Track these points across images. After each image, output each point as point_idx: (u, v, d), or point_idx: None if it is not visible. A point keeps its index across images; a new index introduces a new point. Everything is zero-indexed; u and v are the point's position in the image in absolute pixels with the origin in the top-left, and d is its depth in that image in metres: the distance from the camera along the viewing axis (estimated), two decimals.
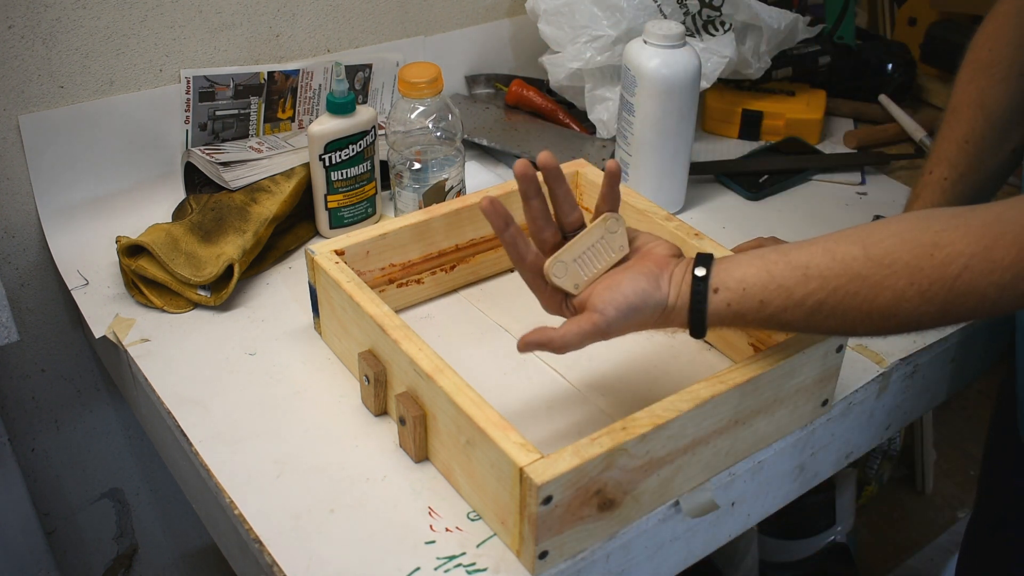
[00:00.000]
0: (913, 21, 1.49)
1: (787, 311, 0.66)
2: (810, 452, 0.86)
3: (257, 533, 0.71)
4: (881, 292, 0.63)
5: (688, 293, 0.69)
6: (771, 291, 0.66)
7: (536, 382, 0.86)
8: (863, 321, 0.64)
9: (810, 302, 0.65)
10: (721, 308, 0.68)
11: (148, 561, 1.36)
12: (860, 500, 1.83)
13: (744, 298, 0.67)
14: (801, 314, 0.66)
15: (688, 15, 1.19)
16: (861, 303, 0.63)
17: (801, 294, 0.65)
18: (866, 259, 0.63)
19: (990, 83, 0.88)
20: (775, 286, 0.66)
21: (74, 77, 1.01)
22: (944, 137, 0.91)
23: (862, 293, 0.63)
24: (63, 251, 1.03)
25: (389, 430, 0.81)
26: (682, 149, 1.08)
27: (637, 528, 0.73)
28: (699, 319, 0.69)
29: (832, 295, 0.64)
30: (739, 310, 0.68)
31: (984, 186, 0.91)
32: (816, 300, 0.65)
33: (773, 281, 0.66)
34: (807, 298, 0.65)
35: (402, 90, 0.99)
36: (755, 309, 0.67)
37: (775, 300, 0.66)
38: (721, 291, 0.68)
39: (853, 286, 0.63)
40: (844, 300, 0.64)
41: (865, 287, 0.63)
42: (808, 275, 0.65)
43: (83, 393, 1.18)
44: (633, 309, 0.69)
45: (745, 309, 0.67)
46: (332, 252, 0.86)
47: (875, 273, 0.63)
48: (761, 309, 0.67)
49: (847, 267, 0.64)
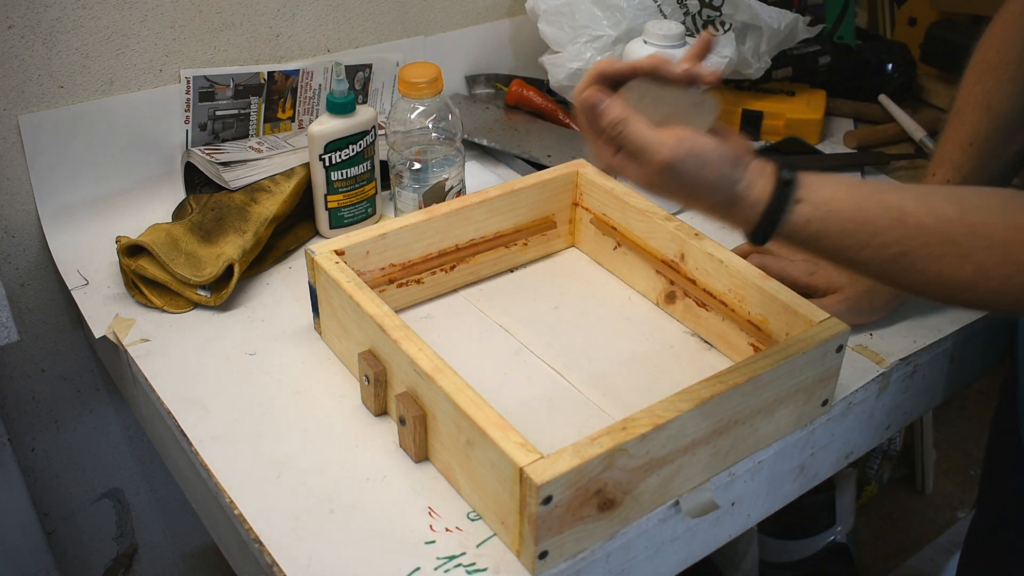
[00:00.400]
0: (913, 21, 1.49)
1: (866, 249, 0.62)
2: (810, 452, 0.86)
3: (257, 533, 0.71)
4: (967, 263, 0.60)
5: (769, 192, 0.63)
6: (858, 224, 0.62)
7: (536, 382, 0.86)
8: (938, 285, 0.61)
9: (893, 249, 0.61)
10: (799, 221, 0.63)
11: (148, 561, 1.36)
12: (860, 500, 1.83)
13: (826, 220, 0.62)
14: (879, 258, 0.62)
15: (688, 15, 1.19)
16: (944, 267, 0.60)
17: (888, 238, 0.61)
18: (961, 223, 0.60)
19: (997, 85, 0.88)
20: (863, 220, 0.62)
21: (74, 77, 1.01)
22: (948, 139, 0.91)
23: (947, 259, 0.60)
24: (63, 251, 1.03)
25: (389, 430, 0.81)
26: None
27: (637, 528, 0.73)
28: (772, 222, 0.63)
29: (918, 251, 0.61)
30: (816, 231, 0.63)
31: None
32: (900, 249, 0.61)
33: (862, 214, 0.62)
34: (892, 244, 0.61)
35: (402, 90, 0.99)
36: (834, 236, 0.62)
37: (858, 235, 0.62)
38: (804, 204, 0.63)
39: (941, 248, 0.60)
40: (927, 259, 0.61)
41: (953, 253, 0.60)
42: (902, 221, 0.61)
43: (83, 393, 1.18)
44: (702, 162, 0.62)
45: (823, 232, 0.63)
46: (332, 252, 0.86)
47: (967, 242, 0.60)
48: (840, 239, 0.62)
49: (941, 226, 0.60)
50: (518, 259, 1.01)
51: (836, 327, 0.78)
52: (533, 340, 0.91)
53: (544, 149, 1.19)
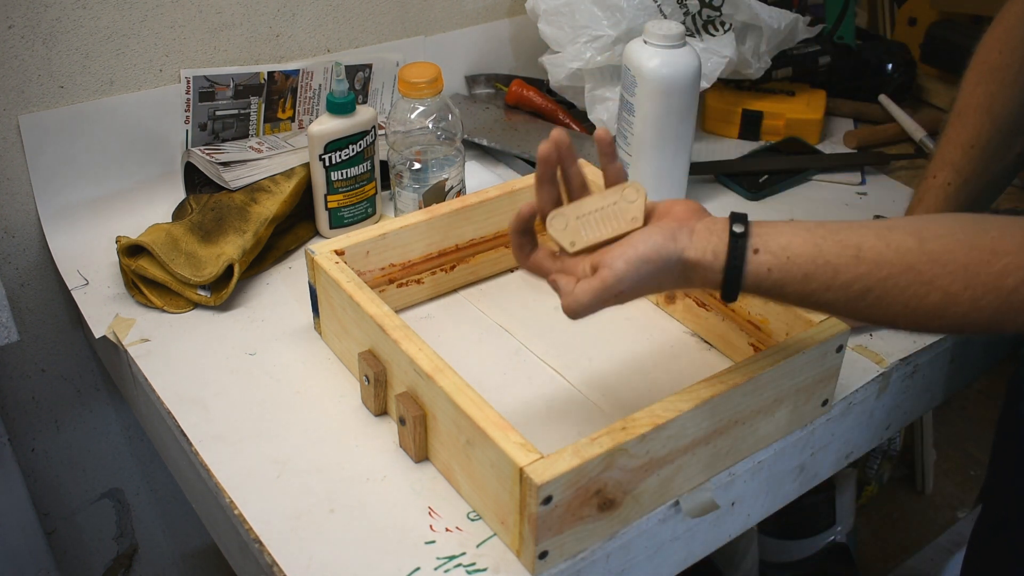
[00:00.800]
0: (913, 21, 1.49)
1: (830, 291, 0.63)
2: (810, 452, 0.86)
3: (257, 533, 0.71)
4: (932, 291, 0.60)
5: (724, 248, 0.65)
6: (818, 266, 0.63)
7: (536, 382, 0.86)
8: (907, 316, 0.62)
9: (857, 287, 0.62)
10: (761, 272, 0.64)
11: (148, 561, 1.36)
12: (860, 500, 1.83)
13: (788, 267, 0.64)
14: (844, 297, 0.63)
15: (688, 15, 1.19)
16: (910, 298, 0.61)
17: (849, 276, 0.62)
18: (920, 252, 0.61)
19: (999, 87, 0.87)
20: (823, 261, 0.63)
21: (74, 77, 1.01)
22: (949, 141, 0.90)
23: (912, 288, 0.61)
24: (63, 251, 1.03)
25: (389, 430, 0.81)
26: (682, 149, 1.08)
27: (637, 528, 0.73)
28: (734, 278, 0.64)
29: (881, 284, 0.62)
30: (780, 279, 0.64)
31: (988, 190, 0.91)
32: (863, 286, 0.62)
33: (821, 256, 0.63)
34: (854, 282, 0.62)
35: (402, 90, 0.99)
36: (798, 281, 0.63)
37: (820, 276, 0.63)
38: (763, 253, 0.64)
39: (904, 279, 0.61)
40: (892, 292, 0.61)
41: (916, 282, 0.61)
42: (860, 257, 0.62)
43: (83, 393, 1.18)
44: (644, 261, 0.64)
45: (787, 279, 0.64)
46: (332, 252, 0.86)
47: (929, 269, 0.60)
48: (804, 283, 0.63)
49: (901, 257, 0.61)
50: None
51: (836, 327, 0.78)
52: (533, 340, 0.91)
53: None
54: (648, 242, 0.65)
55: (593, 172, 0.99)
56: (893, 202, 1.15)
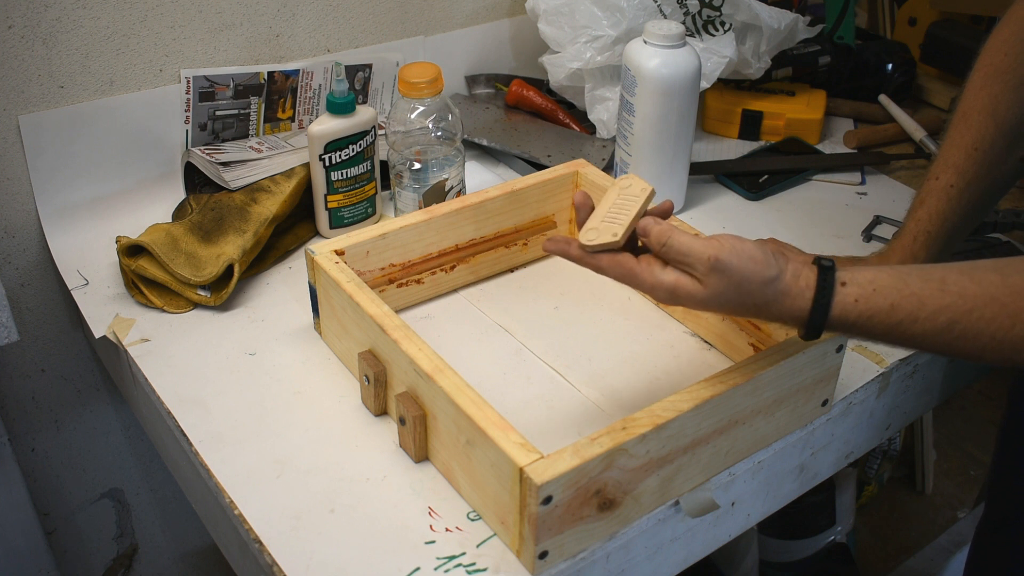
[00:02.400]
0: (913, 21, 1.49)
1: (918, 323, 0.64)
2: (810, 452, 0.86)
3: (257, 533, 0.71)
4: (1017, 323, 0.62)
5: (814, 278, 0.65)
6: (904, 296, 0.64)
7: (536, 382, 0.86)
8: (994, 348, 0.63)
9: (943, 318, 0.63)
10: (848, 304, 0.65)
11: (148, 561, 1.36)
12: (860, 500, 1.83)
13: (874, 297, 0.64)
14: (932, 328, 0.64)
15: (688, 15, 1.19)
16: (996, 330, 0.62)
17: (935, 307, 0.63)
18: (1003, 285, 0.62)
19: (1003, 89, 0.87)
20: (908, 292, 0.64)
21: (74, 77, 1.01)
22: (952, 143, 0.90)
23: (998, 320, 0.62)
24: (63, 251, 1.03)
25: (389, 430, 0.81)
26: (682, 149, 1.08)
27: (637, 528, 0.73)
28: (822, 310, 0.65)
29: (967, 315, 0.63)
30: (867, 310, 0.64)
31: (991, 193, 0.90)
32: (949, 317, 0.63)
33: (907, 287, 0.64)
34: (940, 312, 0.63)
35: (402, 90, 0.99)
36: (884, 312, 0.64)
37: (906, 306, 0.64)
38: (850, 286, 0.65)
39: (989, 310, 0.62)
40: (978, 323, 0.63)
41: (1002, 314, 0.62)
42: (945, 289, 0.63)
43: (83, 393, 1.18)
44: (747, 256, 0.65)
45: (874, 310, 0.64)
46: (332, 252, 0.86)
47: (1013, 302, 0.62)
48: (891, 314, 0.64)
49: (984, 290, 0.63)
50: (518, 259, 1.01)
51: None
52: (533, 340, 0.91)
53: (544, 149, 1.19)
54: (759, 246, 0.66)
55: (595, 172, 0.99)
56: (893, 202, 1.15)
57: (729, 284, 0.66)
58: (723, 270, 0.65)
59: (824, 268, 0.66)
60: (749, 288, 0.66)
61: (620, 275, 0.70)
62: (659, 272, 0.68)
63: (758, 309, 0.67)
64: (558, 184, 0.99)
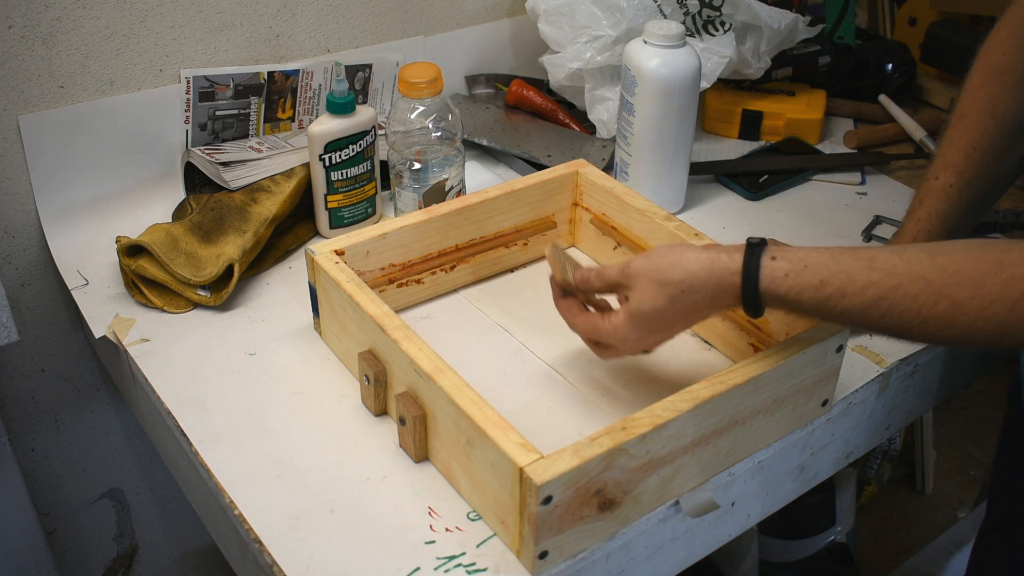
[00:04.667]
0: (913, 21, 1.49)
1: (846, 298, 0.66)
2: (810, 452, 0.86)
3: (257, 533, 0.71)
4: (941, 299, 0.63)
5: (742, 253, 0.69)
6: (833, 273, 0.66)
7: (536, 382, 0.86)
8: (919, 326, 0.65)
9: (870, 293, 0.65)
10: (778, 277, 0.68)
11: (148, 561, 1.36)
12: (860, 500, 1.83)
13: (804, 273, 0.67)
14: (860, 303, 0.66)
15: (688, 15, 1.19)
16: (920, 307, 0.64)
17: (863, 283, 0.65)
18: (931, 264, 0.64)
19: (1002, 89, 0.87)
20: (838, 269, 0.66)
21: (74, 77, 1.01)
22: (951, 143, 0.90)
23: (922, 297, 0.64)
24: (63, 251, 1.03)
25: (389, 430, 0.81)
26: (682, 149, 1.08)
27: (637, 528, 0.73)
28: (752, 282, 0.68)
29: (893, 291, 0.65)
30: (796, 284, 0.67)
31: (990, 192, 0.90)
32: (876, 293, 0.65)
33: (837, 265, 0.66)
34: (868, 288, 0.65)
35: (402, 90, 0.99)
36: (814, 287, 0.67)
37: (835, 282, 0.66)
38: (780, 260, 0.68)
39: (915, 287, 0.64)
40: (904, 300, 0.64)
41: (926, 291, 0.64)
42: (873, 267, 0.66)
43: (83, 393, 1.18)
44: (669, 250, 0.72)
45: (803, 284, 0.67)
46: (332, 252, 0.86)
47: (938, 279, 0.63)
48: (820, 288, 0.66)
49: (911, 267, 0.64)
50: (518, 259, 1.01)
51: (836, 327, 0.78)
52: (533, 340, 0.91)
53: (544, 149, 1.19)
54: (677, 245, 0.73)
55: (595, 172, 0.99)
56: (893, 202, 1.15)
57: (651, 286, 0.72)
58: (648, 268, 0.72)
59: (751, 244, 0.69)
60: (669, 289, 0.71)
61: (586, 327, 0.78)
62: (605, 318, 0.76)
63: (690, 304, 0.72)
64: (558, 184, 0.99)
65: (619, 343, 0.76)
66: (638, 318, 0.73)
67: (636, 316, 0.73)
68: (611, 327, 0.75)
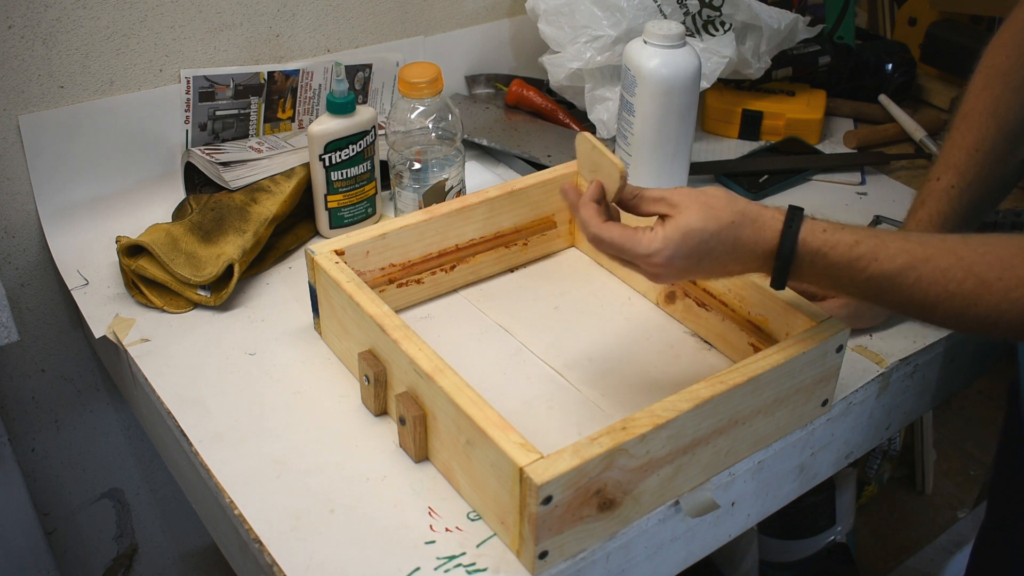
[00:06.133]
0: (913, 21, 1.49)
1: (877, 261, 0.67)
2: (810, 452, 0.86)
3: (257, 533, 0.71)
4: (969, 276, 0.64)
5: (782, 214, 0.70)
6: (868, 235, 0.68)
7: (536, 382, 0.86)
8: (945, 301, 0.65)
9: (900, 260, 0.66)
10: (817, 231, 0.69)
11: (148, 561, 1.36)
12: (860, 500, 1.83)
13: (840, 231, 0.69)
14: (889, 269, 0.67)
15: (688, 15, 1.19)
16: (948, 281, 0.65)
17: (895, 249, 0.66)
18: (963, 243, 0.65)
19: (1004, 91, 0.87)
20: (873, 234, 0.68)
21: (74, 77, 1.01)
22: (953, 144, 0.90)
23: (952, 271, 0.65)
24: (63, 251, 1.03)
25: (389, 430, 0.81)
26: (682, 149, 1.08)
27: (637, 528, 0.73)
28: (793, 231, 0.69)
29: (924, 263, 0.66)
30: (831, 239, 0.68)
31: (992, 194, 0.90)
32: (906, 261, 0.66)
33: (873, 231, 0.68)
34: (899, 255, 0.66)
35: (402, 90, 0.99)
36: (847, 245, 0.68)
37: (868, 243, 0.67)
38: (819, 220, 0.70)
39: (945, 261, 0.65)
40: (933, 272, 0.65)
41: (957, 266, 0.65)
42: (907, 237, 0.67)
43: (83, 393, 1.18)
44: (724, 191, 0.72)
45: (837, 240, 0.68)
46: (332, 252, 0.86)
47: (969, 256, 0.64)
48: (853, 248, 0.68)
49: (944, 243, 0.66)
50: (518, 259, 1.01)
51: (836, 327, 0.78)
52: (533, 340, 0.91)
53: (544, 149, 1.19)
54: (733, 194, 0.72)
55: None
56: (893, 202, 1.15)
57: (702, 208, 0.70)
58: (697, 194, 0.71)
59: (792, 207, 0.71)
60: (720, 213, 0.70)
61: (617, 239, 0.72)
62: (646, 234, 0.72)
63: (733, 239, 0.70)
64: (558, 184, 0.99)
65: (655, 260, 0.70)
66: (685, 234, 0.69)
67: (683, 232, 0.69)
68: (650, 239, 0.70)
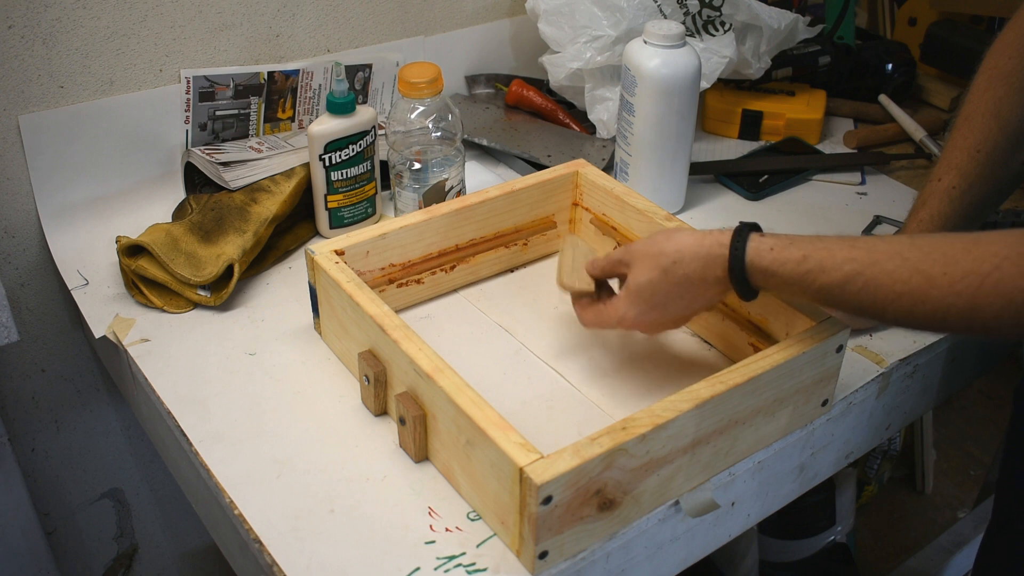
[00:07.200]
0: (913, 21, 1.49)
1: (825, 272, 0.68)
2: (810, 452, 0.86)
3: (257, 533, 0.71)
4: (915, 275, 0.64)
5: (730, 234, 0.72)
6: (816, 248, 0.69)
7: (536, 382, 0.86)
8: (893, 302, 0.66)
9: (847, 268, 0.67)
10: (763, 250, 0.71)
11: (148, 561, 1.36)
12: (860, 500, 1.83)
13: (789, 248, 0.70)
14: (837, 278, 0.68)
15: (688, 15, 1.19)
16: (895, 282, 0.65)
17: (842, 258, 0.67)
18: (910, 244, 0.66)
19: (1007, 92, 0.87)
20: (821, 246, 0.69)
21: (74, 77, 1.01)
22: (955, 145, 0.89)
23: (897, 272, 0.65)
24: (63, 251, 1.03)
25: (389, 430, 0.81)
26: (682, 149, 1.08)
27: (637, 528, 0.73)
28: (739, 255, 0.71)
29: (870, 267, 0.66)
30: (779, 257, 0.70)
31: (993, 195, 0.90)
32: (853, 268, 0.67)
33: (821, 242, 0.69)
34: (846, 263, 0.67)
35: (402, 90, 0.99)
36: (795, 261, 0.69)
37: (816, 256, 0.69)
38: (768, 237, 0.71)
39: (891, 264, 0.66)
40: (879, 276, 0.66)
41: (903, 267, 0.65)
42: (854, 245, 0.68)
43: (83, 393, 1.18)
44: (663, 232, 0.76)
45: (786, 257, 0.70)
46: (332, 252, 0.86)
47: (914, 256, 0.65)
48: (801, 263, 0.69)
49: (891, 246, 0.67)
50: (518, 259, 1.01)
51: (836, 327, 0.78)
52: (533, 340, 0.91)
53: (544, 149, 1.19)
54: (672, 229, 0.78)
55: (595, 172, 0.99)
56: (893, 202, 1.15)
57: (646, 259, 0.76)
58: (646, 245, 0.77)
59: (741, 223, 0.73)
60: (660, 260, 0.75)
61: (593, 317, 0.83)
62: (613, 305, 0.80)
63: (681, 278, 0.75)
64: (558, 184, 0.99)
65: (619, 323, 0.79)
66: (635, 293, 0.77)
67: (633, 291, 0.77)
68: (612, 308, 0.79)
